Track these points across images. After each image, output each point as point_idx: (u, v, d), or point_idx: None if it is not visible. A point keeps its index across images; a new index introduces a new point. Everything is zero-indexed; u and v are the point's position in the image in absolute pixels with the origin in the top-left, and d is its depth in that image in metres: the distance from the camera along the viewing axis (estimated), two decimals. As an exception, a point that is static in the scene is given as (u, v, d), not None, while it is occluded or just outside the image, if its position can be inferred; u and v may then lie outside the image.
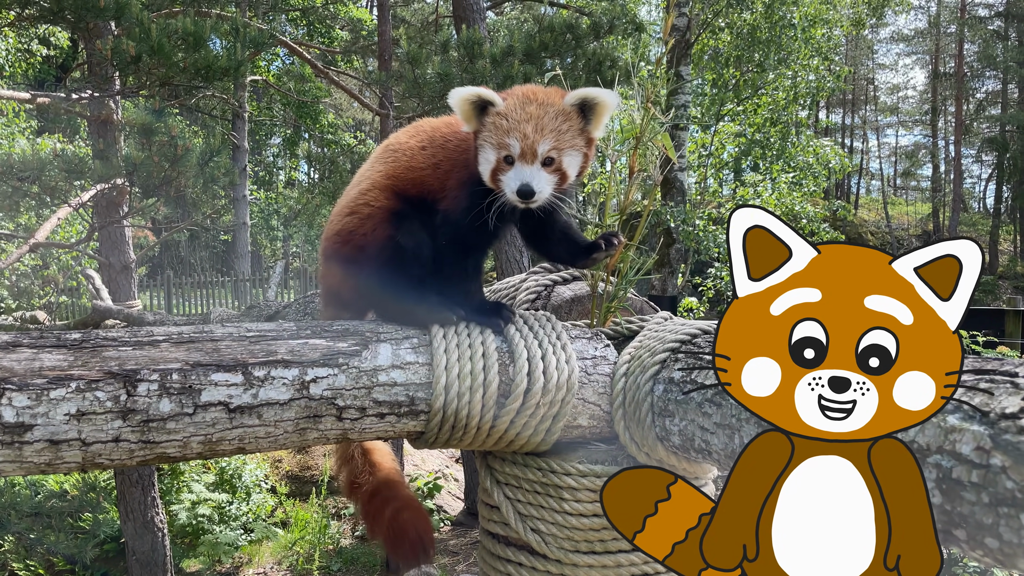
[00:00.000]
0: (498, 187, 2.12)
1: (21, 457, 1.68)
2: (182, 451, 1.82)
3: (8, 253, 13.97)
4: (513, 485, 2.19)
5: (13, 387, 1.66)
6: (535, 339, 2.12)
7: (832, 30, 23.18)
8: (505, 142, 2.08)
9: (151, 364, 1.78)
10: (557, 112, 2.10)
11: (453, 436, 2.06)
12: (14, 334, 1.79)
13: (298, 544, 12.61)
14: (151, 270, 28.38)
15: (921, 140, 56.02)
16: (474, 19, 10.66)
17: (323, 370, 1.91)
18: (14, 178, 5.56)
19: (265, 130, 38.58)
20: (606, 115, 2.16)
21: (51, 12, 5.62)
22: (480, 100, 2.13)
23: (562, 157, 2.11)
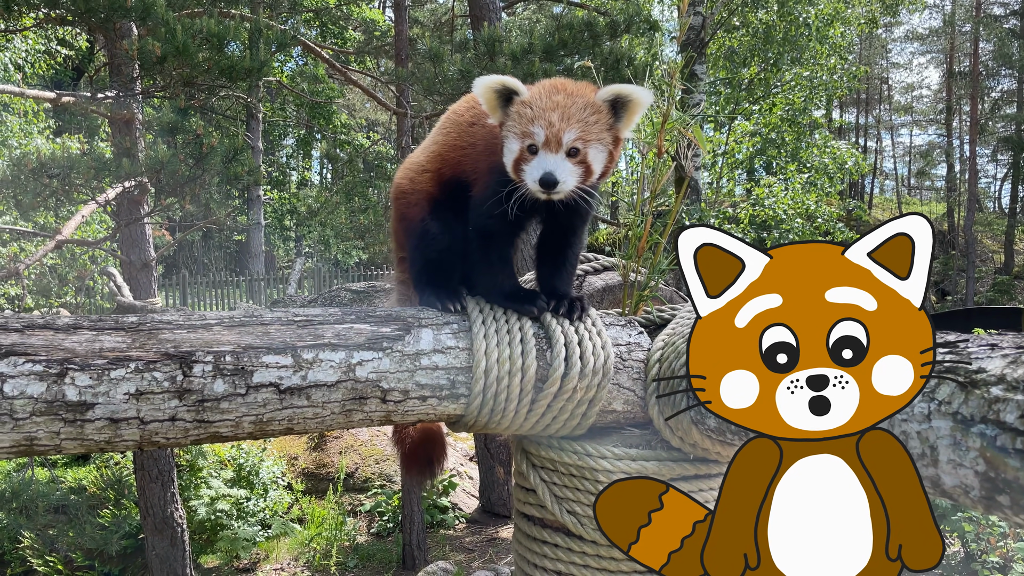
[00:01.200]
0: (520, 178, 2.06)
1: (82, 435, 1.75)
2: (234, 431, 1.88)
3: (29, 252, 14.13)
4: (549, 468, 2.25)
5: (75, 367, 1.73)
6: (571, 325, 2.17)
7: (848, 28, 23.12)
8: (529, 130, 2.03)
9: (205, 346, 1.85)
10: (586, 103, 2.07)
11: (491, 420, 2.12)
12: (74, 317, 1.86)
13: (315, 540, 12.71)
14: (167, 269, 28.59)
15: (936, 139, 55.70)
16: (490, 18, 10.73)
17: (368, 353, 1.97)
18: (44, 175, 5.66)
19: (279, 131, 38.79)
20: (638, 114, 2.11)
21: (78, 12, 5.71)
22: (505, 89, 2.09)
23: (588, 149, 2.04)
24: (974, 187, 40.06)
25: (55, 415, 1.71)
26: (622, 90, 2.06)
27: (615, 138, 2.13)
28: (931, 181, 59.16)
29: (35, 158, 5.65)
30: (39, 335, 1.77)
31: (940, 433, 1.26)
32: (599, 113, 2.07)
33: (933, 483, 1.31)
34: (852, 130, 54.62)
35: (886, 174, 59.64)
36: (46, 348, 1.74)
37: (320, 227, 13.78)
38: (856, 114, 57.04)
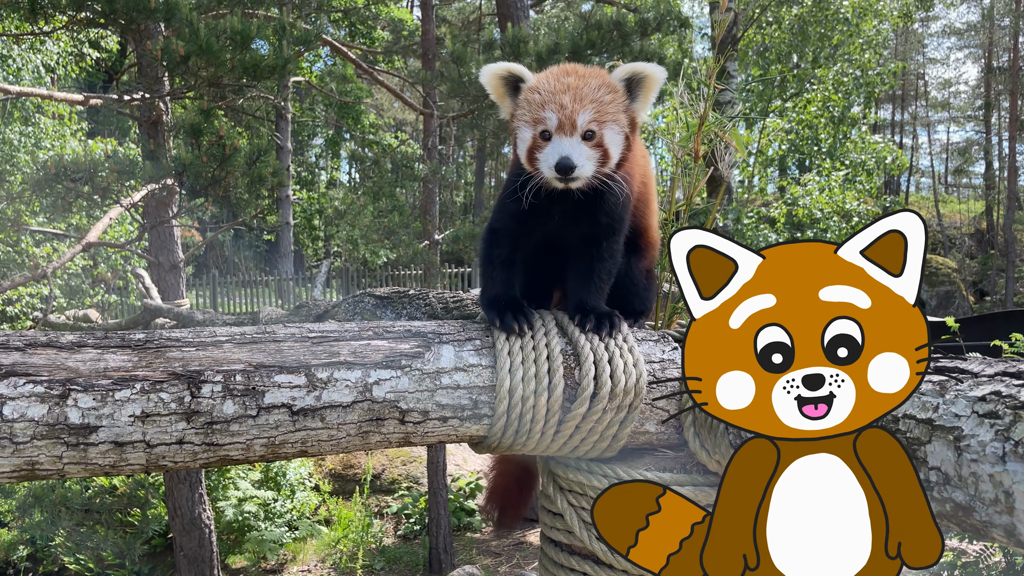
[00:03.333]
0: (535, 167, 1.95)
1: (86, 459, 1.67)
2: (245, 454, 1.78)
3: (61, 253, 14.31)
4: (577, 492, 2.13)
5: (79, 388, 1.64)
6: (600, 341, 2.04)
7: (882, 23, 22.63)
8: (540, 116, 1.93)
9: (215, 365, 1.75)
10: (600, 84, 1.96)
11: (516, 441, 2.00)
12: (79, 334, 1.78)
13: (341, 542, 12.71)
14: (197, 269, 28.89)
15: (974, 136, 54.50)
16: (518, 17, 10.61)
17: (386, 372, 1.86)
18: (67, 179, 5.67)
19: (307, 131, 39.02)
20: (654, 91, 2.01)
21: (103, 14, 5.70)
22: (511, 76, 2.00)
23: (604, 130, 1.93)
24: (1014, 185, 39.08)
25: (57, 439, 1.62)
26: (635, 67, 1.98)
27: (631, 120, 2.02)
28: (969, 179, 57.95)
29: (58, 162, 5.65)
30: (42, 354, 1.69)
31: (1017, 478, 1.13)
32: (614, 93, 1.98)
33: (1007, 532, 1.17)
34: (888, 127, 53.66)
35: (923, 172, 58.55)
36: (48, 368, 1.65)
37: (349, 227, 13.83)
38: (892, 110, 56.05)
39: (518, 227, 2.17)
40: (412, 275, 24.87)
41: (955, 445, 1.25)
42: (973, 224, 45.42)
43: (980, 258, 39.87)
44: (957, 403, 1.29)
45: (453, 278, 24.22)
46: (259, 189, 6.71)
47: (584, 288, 2.17)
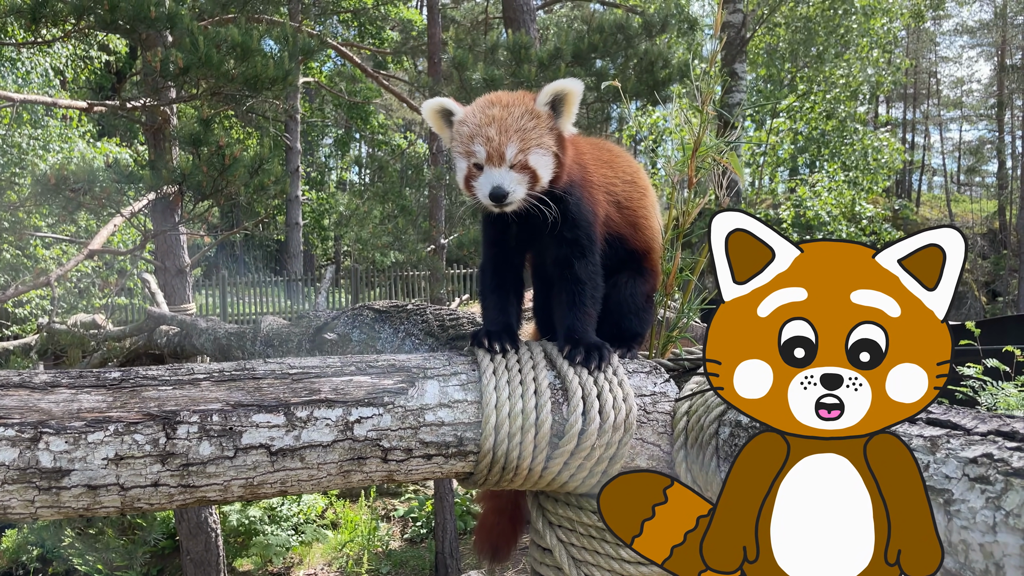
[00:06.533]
0: (472, 193, 2.08)
1: (59, 502, 1.63)
2: (223, 495, 1.75)
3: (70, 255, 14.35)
4: (567, 528, 2.08)
5: (51, 431, 1.61)
6: (589, 375, 1.99)
7: (892, 21, 22.41)
8: (471, 149, 2.06)
9: (191, 404, 1.72)
10: (523, 112, 2.07)
11: (503, 478, 1.96)
12: (54, 373, 1.74)
13: (347, 546, 12.70)
14: (206, 270, 28.94)
15: (986, 135, 53.97)
16: (524, 19, 10.55)
17: (368, 410, 1.82)
18: (68, 189, 5.65)
19: (317, 131, 39.03)
20: (574, 104, 2.11)
21: (105, 23, 5.68)
22: (443, 109, 2.13)
23: (529, 156, 2.04)
24: (1027, 184, 38.68)
25: (29, 483, 1.59)
26: (555, 88, 2.07)
27: (558, 137, 2.10)
28: (981, 178, 57.40)
29: (58, 173, 5.63)
30: (14, 395, 1.65)
31: (1008, 550, 1.07)
32: (537, 119, 2.08)
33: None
34: (900, 125, 53.26)
35: (935, 170, 58.07)
36: (20, 410, 1.62)
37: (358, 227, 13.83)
38: (903, 109, 55.63)
39: (498, 252, 2.28)
40: (421, 275, 24.87)
41: (945, 509, 1.20)
42: (985, 224, 45.01)
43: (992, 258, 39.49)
44: (948, 463, 1.25)
45: (459, 280, 24.17)
46: (262, 198, 6.69)
47: (569, 314, 2.18)
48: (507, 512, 2.46)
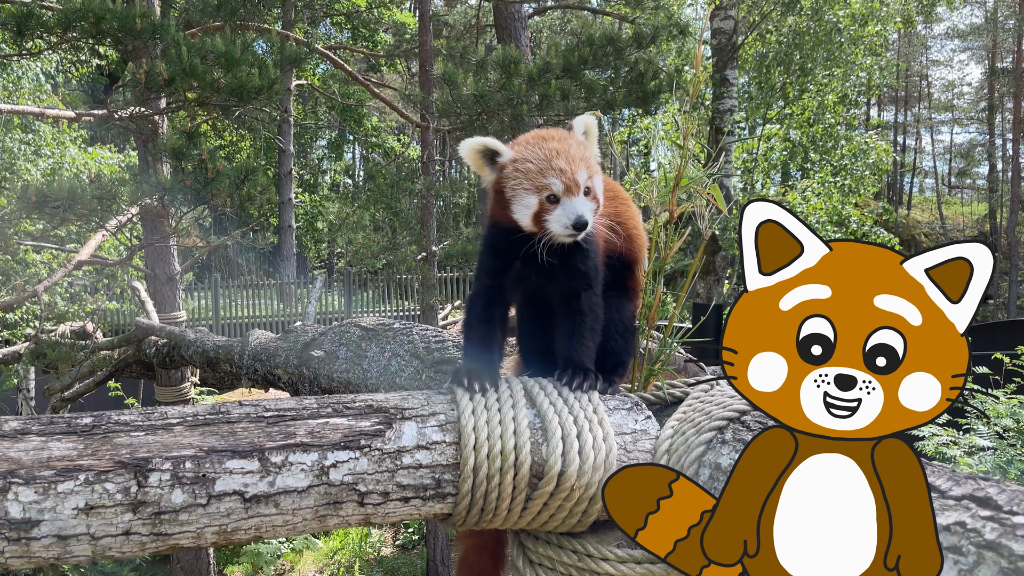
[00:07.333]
0: (542, 228, 2.05)
1: (29, 552, 1.61)
2: (196, 541, 1.73)
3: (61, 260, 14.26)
4: (547, 567, 2.06)
5: (20, 480, 1.59)
6: (570, 414, 1.98)
7: (884, 27, 22.46)
8: (543, 183, 2.04)
9: (163, 451, 1.69)
10: (576, 143, 2.11)
11: (483, 519, 1.94)
12: (24, 419, 1.72)
13: (339, 553, 12.66)
14: (199, 272, 28.83)
15: (977, 138, 54.19)
16: (515, 27, 10.55)
17: (344, 454, 1.80)
18: (47, 206, 5.62)
19: (311, 133, 38.95)
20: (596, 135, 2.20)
21: (91, 35, 5.65)
22: (487, 150, 2.11)
23: (593, 183, 2.09)
24: (1017, 187, 38.88)
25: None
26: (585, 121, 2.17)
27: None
28: (972, 180, 57.62)
29: (39, 190, 5.60)
30: (-18, 443, 1.63)
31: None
32: (585, 148, 2.13)
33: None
34: (891, 128, 53.44)
35: (926, 173, 58.26)
36: (-11, 459, 1.60)
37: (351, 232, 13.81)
38: (895, 112, 55.84)
39: (494, 285, 2.25)
40: (414, 278, 24.82)
41: (919, 577, 1.18)
42: (976, 226, 45.24)
43: (984, 261, 39.61)
44: (922, 529, 1.23)
45: (450, 283, 24.11)
46: (248, 208, 6.67)
47: (569, 345, 2.18)
48: (488, 549, 2.45)
